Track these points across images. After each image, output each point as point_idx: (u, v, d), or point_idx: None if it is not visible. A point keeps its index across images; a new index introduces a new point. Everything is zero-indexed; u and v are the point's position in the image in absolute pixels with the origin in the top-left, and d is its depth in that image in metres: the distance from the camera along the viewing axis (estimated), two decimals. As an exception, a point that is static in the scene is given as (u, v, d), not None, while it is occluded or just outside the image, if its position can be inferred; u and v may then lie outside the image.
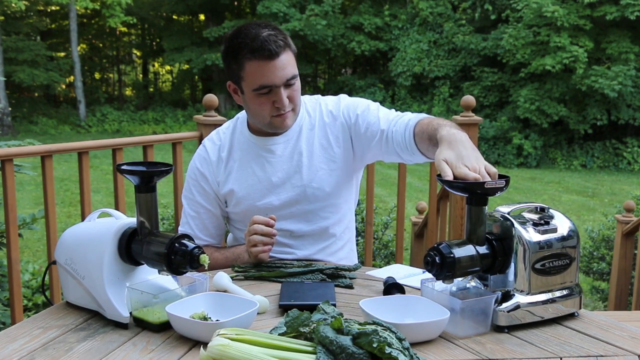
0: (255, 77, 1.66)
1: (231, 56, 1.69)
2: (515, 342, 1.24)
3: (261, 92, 1.68)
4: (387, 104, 16.87)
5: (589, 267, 5.14)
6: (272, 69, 1.64)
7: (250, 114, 1.77)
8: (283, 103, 1.69)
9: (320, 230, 1.82)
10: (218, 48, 18.99)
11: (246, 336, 1.05)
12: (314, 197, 1.79)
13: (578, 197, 10.91)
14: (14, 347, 1.19)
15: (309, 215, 1.80)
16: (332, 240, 1.85)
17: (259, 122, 1.77)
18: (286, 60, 1.66)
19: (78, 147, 2.60)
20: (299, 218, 1.80)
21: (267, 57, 1.63)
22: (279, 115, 1.72)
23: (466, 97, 3.30)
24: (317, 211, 1.81)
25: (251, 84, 1.68)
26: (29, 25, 19.49)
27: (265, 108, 1.70)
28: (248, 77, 1.67)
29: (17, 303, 2.45)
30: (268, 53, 1.63)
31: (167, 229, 4.61)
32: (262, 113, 1.72)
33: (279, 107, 1.70)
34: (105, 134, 17.98)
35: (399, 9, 17.27)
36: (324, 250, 1.84)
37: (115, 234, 1.30)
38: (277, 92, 1.67)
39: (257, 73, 1.65)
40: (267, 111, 1.71)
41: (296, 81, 1.71)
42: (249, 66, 1.65)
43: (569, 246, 1.34)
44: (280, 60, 1.65)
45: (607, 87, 13.10)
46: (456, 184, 1.29)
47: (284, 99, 1.68)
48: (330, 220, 1.83)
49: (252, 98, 1.70)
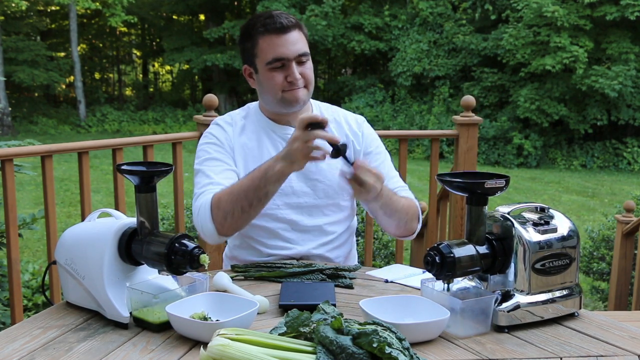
0: (268, 51, 1.71)
1: (246, 36, 1.76)
2: (515, 342, 1.24)
3: (274, 66, 1.72)
4: (387, 104, 16.86)
5: (589, 267, 5.14)
6: (284, 42, 1.70)
7: (264, 93, 1.78)
8: (295, 76, 1.72)
9: (321, 226, 1.82)
10: (218, 48, 19.01)
11: (246, 336, 1.05)
12: (323, 193, 1.80)
13: (578, 197, 10.90)
14: (14, 347, 1.19)
15: (313, 209, 1.81)
16: (330, 238, 1.85)
17: (272, 100, 1.77)
18: (298, 36, 1.73)
19: (78, 147, 2.60)
20: (303, 210, 1.80)
21: (279, 30, 1.70)
22: (290, 89, 1.74)
23: (466, 97, 3.30)
24: (322, 207, 1.81)
25: (264, 58, 1.72)
26: (29, 25, 19.48)
27: (277, 82, 1.73)
28: (261, 52, 1.72)
29: (17, 303, 2.45)
30: (280, 26, 1.70)
31: (167, 229, 4.60)
32: (274, 88, 1.73)
33: (291, 80, 1.72)
34: (105, 134, 17.97)
35: (399, 9, 17.25)
36: (322, 246, 1.84)
37: (115, 234, 1.30)
38: (289, 66, 1.72)
39: (270, 46, 1.70)
40: (279, 85, 1.73)
41: (308, 60, 1.76)
42: (262, 41, 1.72)
43: (569, 246, 1.34)
44: (292, 34, 1.71)
45: (607, 87, 13.09)
46: (456, 183, 1.29)
47: (296, 72, 1.72)
48: (332, 217, 1.83)
49: (265, 73, 1.74)
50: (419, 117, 16.18)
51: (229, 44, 19.82)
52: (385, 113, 16.54)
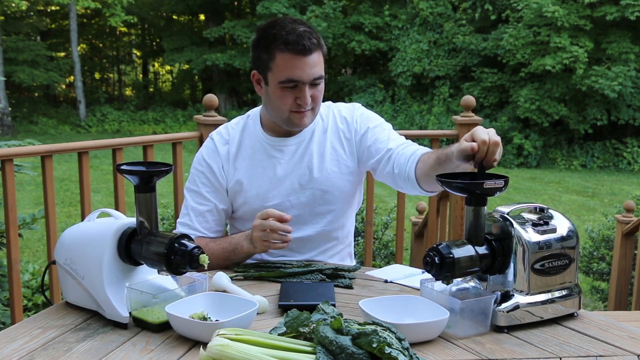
0: (284, 70, 1.67)
1: (263, 45, 1.69)
2: (514, 342, 1.24)
3: (286, 86, 1.68)
4: (387, 104, 16.86)
5: (588, 267, 5.14)
6: (302, 65, 1.66)
7: (270, 107, 1.76)
8: (306, 100, 1.69)
9: (324, 233, 1.82)
10: (218, 48, 19.01)
11: (246, 336, 1.05)
12: (323, 200, 1.80)
13: (578, 197, 10.90)
14: (14, 347, 1.19)
15: (315, 217, 1.80)
16: (333, 244, 1.85)
17: (276, 117, 1.76)
18: (317, 59, 1.69)
19: (78, 147, 2.60)
20: (304, 221, 1.80)
21: (300, 51, 1.64)
22: (298, 111, 1.72)
23: (466, 97, 3.30)
24: (324, 214, 1.81)
25: (278, 76, 1.68)
26: (29, 25, 19.48)
27: (286, 102, 1.70)
28: (277, 68, 1.68)
29: (17, 303, 2.45)
30: (302, 48, 1.64)
31: (167, 229, 4.60)
32: (282, 107, 1.72)
33: (301, 103, 1.70)
34: (105, 134, 17.97)
35: (399, 9, 17.25)
36: (324, 252, 1.84)
37: (114, 234, 1.30)
38: (302, 88, 1.68)
39: (287, 66, 1.66)
40: (288, 106, 1.71)
41: (322, 82, 1.73)
42: (280, 58, 1.66)
43: (568, 246, 1.34)
44: (311, 57, 1.66)
45: (607, 87, 13.09)
46: (455, 184, 1.29)
47: (308, 96, 1.69)
48: (335, 224, 1.83)
49: (275, 90, 1.70)
50: (419, 117, 16.18)
51: (229, 43, 19.82)
52: (385, 113, 16.53)
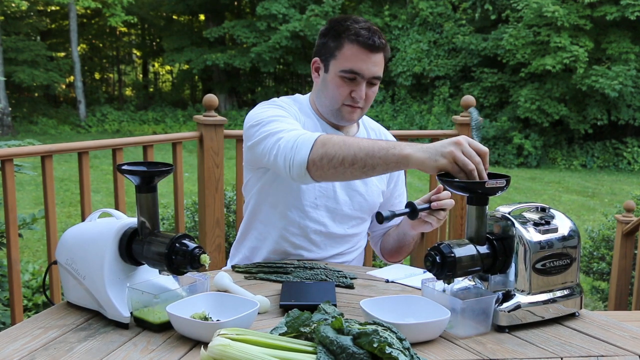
0: (349, 60, 1.69)
1: (333, 34, 1.72)
2: (516, 342, 1.24)
3: (346, 76, 1.70)
4: (387, 104, 16.86)
5: (589, 267, 5.14)
6: (367, 60, 1.69)
7: (324, 95, 1.77)
8: (361, 95, 1.72)
9: (348, 237, 1.86)
10: (218, 48, 19.01)
11: (247, 336, 1.05)
12: (358, 205, 1.84)
13: (578, 197, 10.90)
14: (15, 347, 1.18)
15: (344, 218, 1.83)
16: (349, 247, 1.88)
17: (328, 106, 1.77)
18: (380, 59, 1.73)
19: (78, 147, 2.60)
20: (336, 217, 1.82)
21: (369, 46, 1.68)
22: (350, 105, 1.74)
23: (466, 97, 3.31)
24: (352, 218, 1.84)
25: (341, 65, 1.70)
26: (29, 25, 19.49)
27: (342, 92, 1.72)
28: (342, 57, 1.70)
29: (17, 303, 2.46)
30: (372, 43, 1.68)
31: (168, 229, 4.60)
32: (337, 97, 1.73)
33: (355, 97, 1.72)
34: (105, 134, 17.97)
35: (399, 9, 17.26)
36: (340, 255, 1.86)
37: (116, 234, 1.30)
38: (360, 83, 1.71)
39: (352, 57, 1.69)
40: (343, 97, 1.73)
41: (377, 84, 1.76)
42: (348, 48, 1.69)
43: (570, 246, 1.34)
44: (377, 56, 1.71)
45: (607, 87, 13.10)
46: (456, 183, 1.29)
47: (363, 91, 1.72)
48: (356, 230, 1.87)
49: (334, 78, 1.72)
50: (419, 117, 16.19)
51: (229, 43, 19.83)
52: (385, 113, 16.55)
